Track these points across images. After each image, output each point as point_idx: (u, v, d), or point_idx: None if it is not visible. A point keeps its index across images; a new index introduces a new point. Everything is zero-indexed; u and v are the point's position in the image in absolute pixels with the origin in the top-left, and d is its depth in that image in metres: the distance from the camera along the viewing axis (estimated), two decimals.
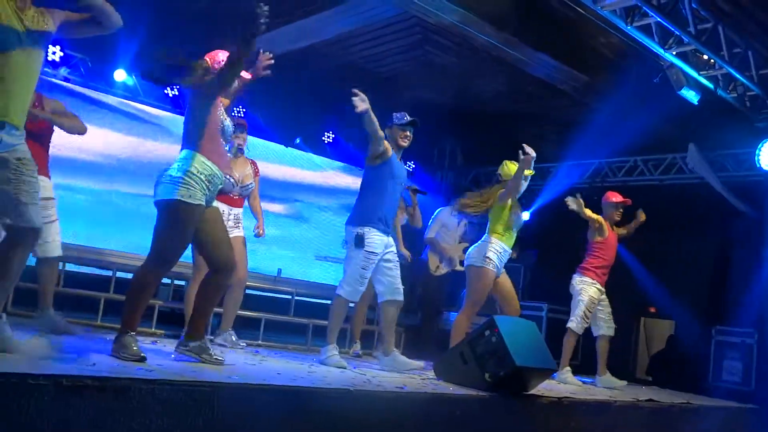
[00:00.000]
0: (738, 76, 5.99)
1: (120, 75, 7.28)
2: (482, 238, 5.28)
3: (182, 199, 3.39)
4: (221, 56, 3.69)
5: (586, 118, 7.86)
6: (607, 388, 5.79)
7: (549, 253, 9.26)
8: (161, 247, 3.47)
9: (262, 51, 3.93)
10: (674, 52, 5.61)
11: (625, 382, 6.03)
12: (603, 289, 5.99)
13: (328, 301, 8.00)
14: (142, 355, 3.26)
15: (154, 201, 3.51)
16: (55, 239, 4.33)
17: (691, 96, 6.12)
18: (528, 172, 5.15)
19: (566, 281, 6.11)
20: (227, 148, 3.96)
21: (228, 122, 3.74)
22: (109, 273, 6.43)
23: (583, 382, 5.87)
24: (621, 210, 6.11)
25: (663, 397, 5.61)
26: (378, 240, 4.48)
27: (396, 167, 4.62)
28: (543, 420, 4.16)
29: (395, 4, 6.11)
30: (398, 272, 4.66)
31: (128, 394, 2.47)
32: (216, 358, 3.57)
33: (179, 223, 3.43)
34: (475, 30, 6.36)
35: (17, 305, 5.05)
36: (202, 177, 3.46)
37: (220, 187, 3.65)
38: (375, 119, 4.41)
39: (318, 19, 6.69)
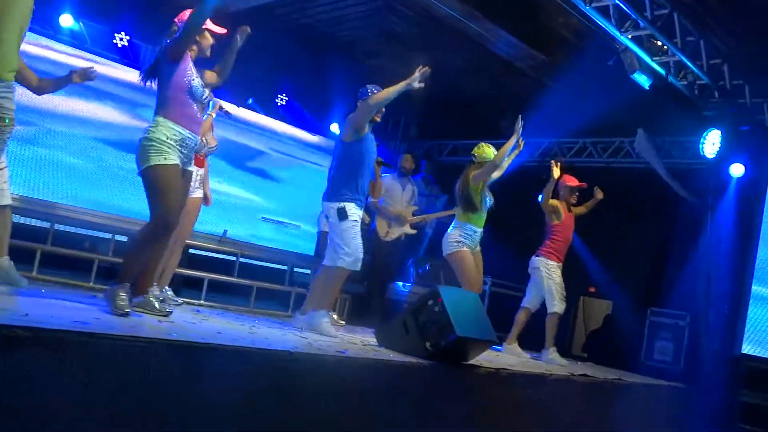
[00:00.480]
0: (689, 64, 6.11)
1: (66, 20, 6.96)
2: (452, 224, 5.60)
3: (158, 163, 3.51)
4: (187, 16, 3.62)
5: (541, 97, 7.93)
6: (550, 363, 5.93)
7: (495, 230, 9.36)
8: (155, 210, 3.57)
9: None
10: (630, 36, 5.68)
11: (566, 362, 6.18)
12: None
13: (273, 265, 8.08)
14: (126, 311, 3.38)
15: (137, 172, 3.62)
16: (3, 187, 4.16)
17: (643, 80, 6.22)
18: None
19: (511, 257, 6.23)
20: (204, 110, 3.88)
21: (197, 83, 3.68)
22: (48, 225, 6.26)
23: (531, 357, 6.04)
24: (577, 194, 6.39)
25: (597, 373, 5.78)
26: (356, 212, 4.67)
27: (370, 142, 4.75)
28: (480, 390, 4.24)
29: None
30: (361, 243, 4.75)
31: (62, 347, 2.41)
32: (161, 311, 3.65)
33: (161, 186, 3.54)
34: (439, 1, 6.32)
35: None
36: (172, 142, 3.54)
37: (195, 148, 3.73)
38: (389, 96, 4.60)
39: None
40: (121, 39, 7.36)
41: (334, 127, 9.35)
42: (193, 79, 3.67)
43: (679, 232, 8.58)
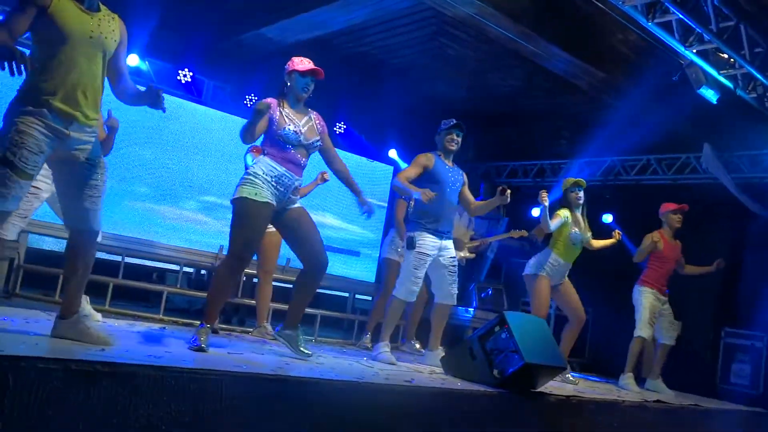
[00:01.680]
0: (758, 75, 5.90)
1: (132, 60, 7.24)
2: (543, 250, 5.54)
3: (248, 197, 3.66)
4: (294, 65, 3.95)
5: (601, 115, 7.80)
6: (654, 391, 5.82)
7: None
8: (232, 243, 3.72)
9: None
10: (695, 50, 5.53)
11: (673, 393, 5.99)
12: (663, 298, 6.01)
13: (337, 293, 8.14)
14: (203, 347, 3.48)
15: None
16: (14, 222, 4.24)
17: (711, 95, 6.04)
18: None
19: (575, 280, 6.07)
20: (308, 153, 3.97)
21: (289, 129, 3.81)
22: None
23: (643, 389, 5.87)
24: (680, 216, 6.11)
25: (671, 399, 5.57)
26: (430, 242, 4.60)
27: (443, 173, 4.69)
28: (551, 418, 4.13)
29: None
30: (454, 278, 4.76)
31: (136, 381, 2.46)
32: (303, 351, 3.88)
33: (244, 219, 3.67)
34: (492, 22, 6.31)
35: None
36: (268, 178, 3.72)
37: (294, 187, 3.83)
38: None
39: (331, 8, 6.66)
40: (185, 75, 7.59)
41: (392, 153, 9.40)
42: (287, 127, 3.80)
43: (751, 249, 8.26)
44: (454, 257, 4.76)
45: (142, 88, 3.19)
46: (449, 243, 4.74)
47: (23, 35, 2.95)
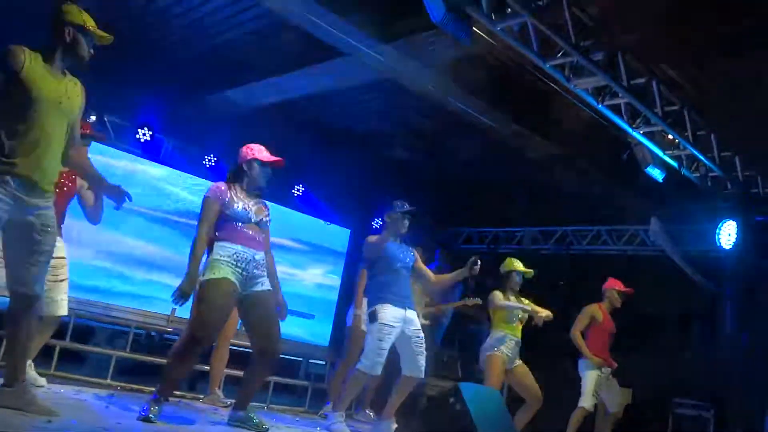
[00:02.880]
0: (701, 157, 6.20)
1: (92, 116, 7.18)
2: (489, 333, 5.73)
3: (206, 278, 3.72)
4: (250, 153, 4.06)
5: (553, 185, 8.04)
6: None
7: None
8: (191, 322, 3.80)
9: None
10: (642, 131, 5.80)
11: None
12: (607, 369, 6.09)
13: (290, 357, 8.01)
14: (151, 417, 3.48)
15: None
16: (63, 298, 4.25)
17: (657, 174, 6.32)
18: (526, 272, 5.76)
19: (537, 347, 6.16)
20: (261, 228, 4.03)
21: (239, 207, 3.89)
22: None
23: None
24: (622, 298, 6.29)
25: None
26: (393, 313, 4.54)
27: (394, 252, 4.72)
28: None
29: (374, 67, 6.22)
30: (421, 350, 4.65)
31: None
32: (259, 427, 3.87)
33: (202, 298, 3.71)
34: (451, 96, 6.52)
35: None
36: (224, 258, 3.76)
37: (254, 262, 3.85)
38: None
39: (296, 75, 6.78)
40: (144, 133, 7.58)
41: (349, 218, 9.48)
42: (235, 205, 3.89)
43: (698, 319, 8.49)
44: (419, 329, 4.71)
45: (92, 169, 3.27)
46: (413, 314, 4.69)
47: None
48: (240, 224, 3.86)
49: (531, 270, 5.80)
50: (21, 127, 2.91)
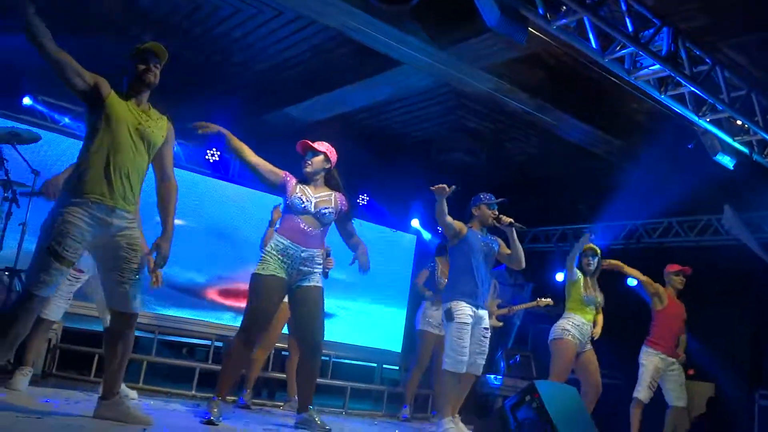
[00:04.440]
0: None
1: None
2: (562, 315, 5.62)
3: (256, 272, 3.93)
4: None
5: (620, 180, 7.91)
6: None
7: None
8: (243, 317, 3.97)
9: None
10: (708, 119, 5.67)
11: None
12: (669, 359, 5.96)
13: (365, 363, 8.16)
14: (213, 420, 3.64)
15: None
16: (58, 303, 4.43)
17: (727, 161, 6.15)
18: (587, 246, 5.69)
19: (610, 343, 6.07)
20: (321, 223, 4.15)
21: (297, 196, 4.01)
22: None
23: None
24: (682, 278, 6.19)
25: None
26: (467, 311, 4.67)
27: (475, 242, 4.84)
28: None
29: (430, 73, 6.29)
30: (484, 349, 4.78)
31: None
32: (322, 428, 3.96)
33: (251, 293, 3.92)
34: (509, 97, 6.52)
35: None
36: (274, 252, 3.91)
37: (302, 258, 3.96)
38: (443, 208, 4.65)
39: (354, 88, 6.90)
40: (212, 154, 7.86)
41: (415, 223, 9.55)
42: (294, 195, 4.03)
43: None
44: (488, 328, 4.83)
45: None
46: (484, 313, 4.82)
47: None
48: (296, 216, 4.01)
49: (597, 247, 5.79)
50: (101, 148, 3.11)
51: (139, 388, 5.57)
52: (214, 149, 7.87)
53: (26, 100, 6.85)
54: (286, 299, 5.20)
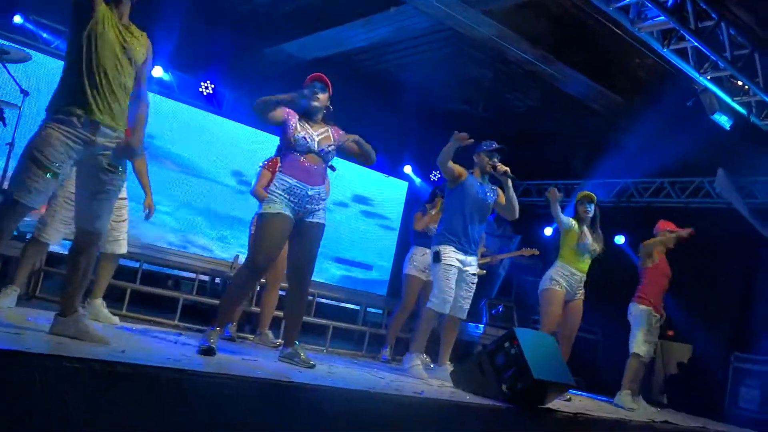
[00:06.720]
0: None
1: (156, 71, 7.40)
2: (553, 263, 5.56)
3: (263, 211, 3.89)
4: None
5: (615, 137, 7.87)
6: (616, 406, 5.70)
7: None
8: (249, 251, 4.10)
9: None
10: (709, 77, 5.60)
11: (634, 407, 5.87)
12: (656, 315, 5.94)
13: (349, 305, 8.21)
14: (212, 347, 3.58)
15: None
16: (124, 237, 4.57)
17: (724, 121, 6.11)
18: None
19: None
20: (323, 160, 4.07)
21: (301, 135, 3.92)
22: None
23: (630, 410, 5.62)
24: (677, 238, 6.13)
25: (678, 420, 5.59)
26: (454, 255, 4.74)
27: (472, 189, 4.83)
28: None
29: (432, 15, 6.17)
30: (470, 294, 4.87)
31: (157, 384, 2.55)
32: (306, 362, 3.91)
33: (258, 230, 3.93)
34: (511, 45, 6.42)
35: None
36: (280, 191, 3.88)
37: (309, 196, 3.94)
38: (451, 152, 4.67)
39: (352, 26, 6.78)
40: (206, 87, 7.75)
41: (407, 169, 9.51)
42: (298, 133, 3.94)
43: (765, 274, 8.25)
44: (475, 275, 4.89)
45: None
46: (472, 259, 4.87)
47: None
48: (299, 154, 3.95)
49: (593, 194, 5.73)
50: (87, 66, 3.05)
51: (121, 314, 5.60)
52: (208, 81, 7.74)
53: (17, 19, 6.70)
54: None
